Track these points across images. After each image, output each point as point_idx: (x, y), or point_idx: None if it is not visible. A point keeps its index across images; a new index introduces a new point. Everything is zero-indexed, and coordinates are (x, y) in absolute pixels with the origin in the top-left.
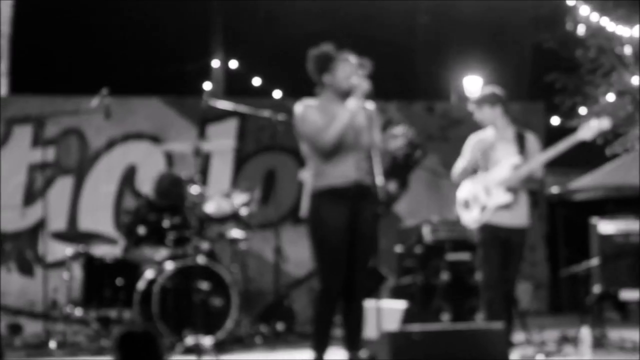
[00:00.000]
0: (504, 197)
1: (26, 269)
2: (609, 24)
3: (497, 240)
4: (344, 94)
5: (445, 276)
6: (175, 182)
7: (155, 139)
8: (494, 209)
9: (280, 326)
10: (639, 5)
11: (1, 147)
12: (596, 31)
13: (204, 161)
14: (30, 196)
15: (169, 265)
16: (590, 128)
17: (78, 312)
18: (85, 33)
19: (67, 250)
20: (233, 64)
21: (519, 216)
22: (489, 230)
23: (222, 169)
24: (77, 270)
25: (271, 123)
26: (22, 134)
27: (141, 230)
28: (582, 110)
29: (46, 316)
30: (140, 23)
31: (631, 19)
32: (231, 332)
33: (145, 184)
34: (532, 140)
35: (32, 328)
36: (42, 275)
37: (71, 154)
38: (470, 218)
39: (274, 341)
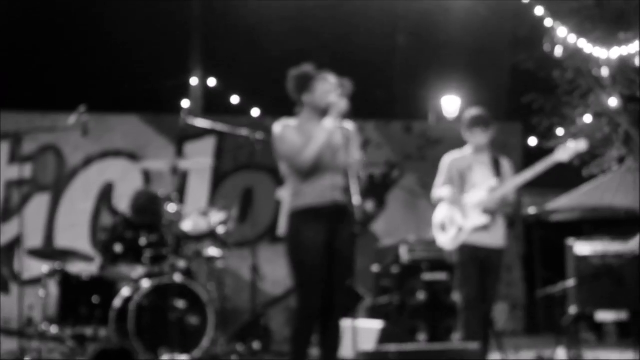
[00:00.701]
0: (481, 219)
1: (2, 286)
2: (586, 46)
3: (475, 260)
4: (322, 113)
5: (421, 296)
6: (152, 199)
7: (132, 157)
8: (471, 231)
9: (256, 345)
10: (616, 27)
11: None
12: (573, 53)
13: (182, 179)
14: (7, 213)
15: (146, 283)
16: (567, 150)
17: (54, 329)
18: (63, 49)
19: (43, 267)
20: (211, 81)
21: (496, 237)
22: (467, 251)
23: (199, 187)
24: (53, 288)
25: (249, 142)
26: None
27: (118, 247)
28: (560, 131)
29: (21, 333)
30: (118, 40)
31: (608, 41)
32: (207, 350)
33: (123, 202)
34: (506, 164)
35: (7, 345)
36: (17, 292)
37: (48, 171)
38: (447, 239)
39: None
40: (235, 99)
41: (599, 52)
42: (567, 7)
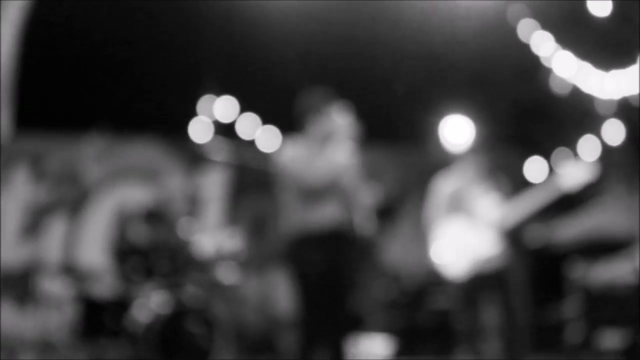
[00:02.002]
0: (492, 243)
1: (20, 307)
2: (587, 76)
3: (484, 284)
4: (327, 139)
5: (428, 320)
6: (164, 220)
7: (147, 177)
8: (482, 255)
9: None
10: (620, 57)
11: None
12: (574, 83)
13: (195, 200)
14: (25, 232)
15: (160, 304)
16: (573, 178)
17: (71, 350)
18: (78, 69)
19: (61, 286)
20: (226, 105)
21: (501, 260)
22: (475, 276)
23: (212, 209)
24: (71, 307)
25: (262, 163)
26: (18, 171)
27: (133, 268)
28: (561, 159)
29: (39, 354)
30: (132, 61)
31: (610, 71)
32: None
33: (137, 223)
34: (505, 189)
35: None
36: (36, 313)
37: (66, 190)
38: (455, 264)
39: None
40: (249, 122)
41: (601, 82)
42: (568, 36)
